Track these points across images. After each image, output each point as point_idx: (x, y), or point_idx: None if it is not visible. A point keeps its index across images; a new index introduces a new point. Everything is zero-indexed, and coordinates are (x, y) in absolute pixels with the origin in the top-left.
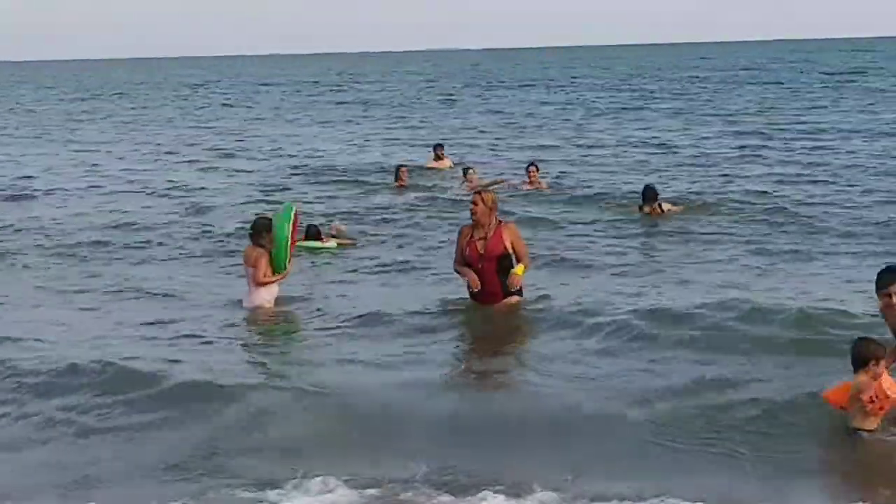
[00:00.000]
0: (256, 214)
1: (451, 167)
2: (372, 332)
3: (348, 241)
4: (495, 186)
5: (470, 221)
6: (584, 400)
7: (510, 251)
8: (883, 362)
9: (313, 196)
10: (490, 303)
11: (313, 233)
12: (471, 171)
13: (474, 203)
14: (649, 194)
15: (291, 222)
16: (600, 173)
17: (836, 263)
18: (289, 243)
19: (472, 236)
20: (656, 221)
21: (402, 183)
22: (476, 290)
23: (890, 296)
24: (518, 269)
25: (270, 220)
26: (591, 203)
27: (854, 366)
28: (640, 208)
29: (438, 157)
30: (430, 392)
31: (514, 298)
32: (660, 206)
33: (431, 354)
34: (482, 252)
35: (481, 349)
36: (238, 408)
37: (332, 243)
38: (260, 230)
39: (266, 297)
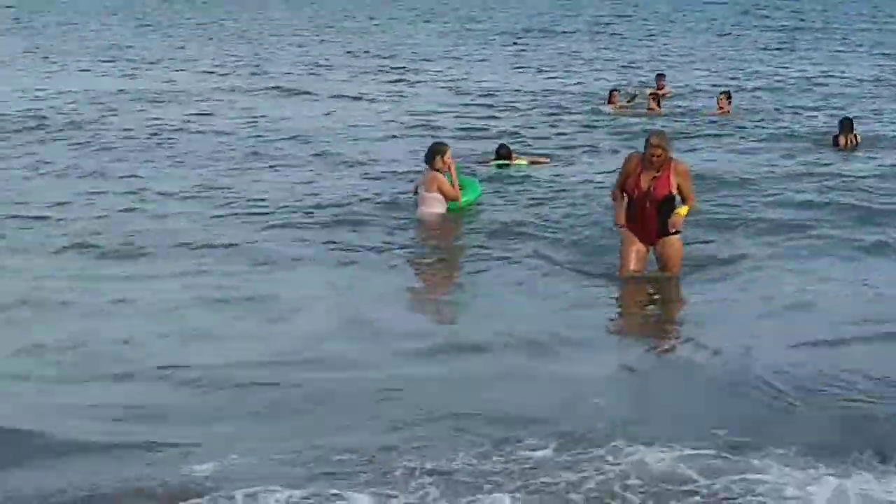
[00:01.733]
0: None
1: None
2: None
3: (542, 160)
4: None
5: (640, 150)
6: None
7: (675, 192)
8: None
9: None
10: (642, 238)
11: (504, 153)
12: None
13: (657, 155)
14: (845, 124)
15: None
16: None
17: None
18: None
19: (640, 171)
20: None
21: (615, 106)
22: (620, 226)
23: None
24: (682, 209)
25: (444, 144)
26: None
27: None
28: (835, 140)
29: (660, 88)
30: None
31: (675, 240)
32: (855, 136)
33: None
34: (648, 190)
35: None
36: None
37: (524, 161)
38: (433, 154)
39: (440, 209)
